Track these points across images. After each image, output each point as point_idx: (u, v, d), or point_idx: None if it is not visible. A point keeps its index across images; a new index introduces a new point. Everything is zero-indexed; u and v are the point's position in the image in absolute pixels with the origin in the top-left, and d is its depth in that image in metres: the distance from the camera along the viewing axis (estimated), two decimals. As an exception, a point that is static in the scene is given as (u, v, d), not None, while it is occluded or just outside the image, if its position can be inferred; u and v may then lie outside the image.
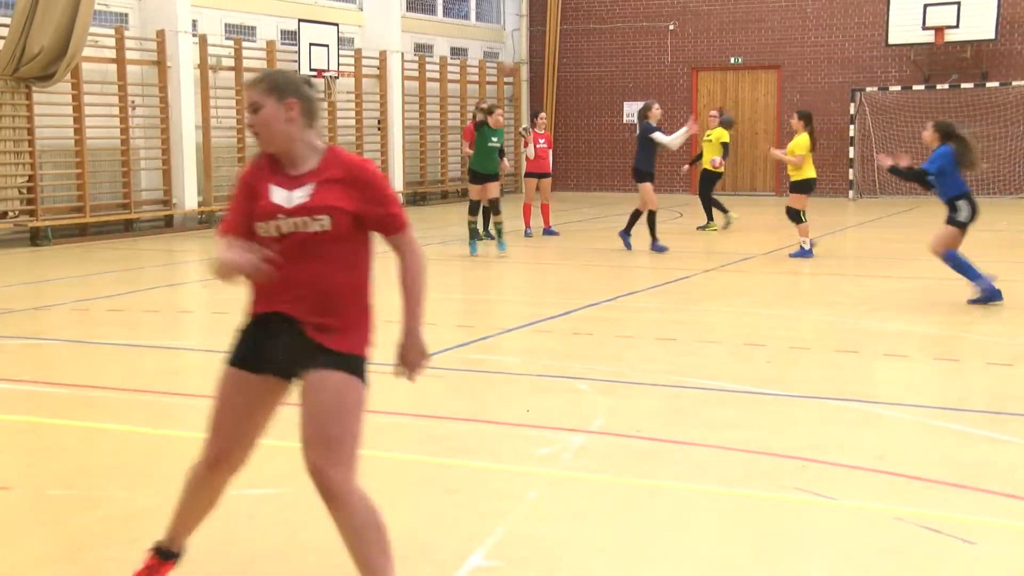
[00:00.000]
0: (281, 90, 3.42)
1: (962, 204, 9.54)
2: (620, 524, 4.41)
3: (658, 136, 13.77)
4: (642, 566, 4.01)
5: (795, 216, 13.27)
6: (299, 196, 3.42)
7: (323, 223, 3.38)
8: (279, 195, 3.44)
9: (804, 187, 13.25)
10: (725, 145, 16.74)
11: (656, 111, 14.10)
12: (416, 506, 4.65)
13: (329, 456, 3.42)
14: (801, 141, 13.14)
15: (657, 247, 13.63)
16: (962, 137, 9.70)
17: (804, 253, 13.20)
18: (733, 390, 6.61)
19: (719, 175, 16.97)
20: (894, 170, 10.27)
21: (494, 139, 13.96)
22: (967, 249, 9.82)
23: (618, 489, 4.85)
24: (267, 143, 3.46)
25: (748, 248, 14.44)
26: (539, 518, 4.48)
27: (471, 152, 15.04)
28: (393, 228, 3.50)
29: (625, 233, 13.94)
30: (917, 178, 10.01)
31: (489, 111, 14.11)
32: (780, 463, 5.18)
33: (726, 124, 16.08)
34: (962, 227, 9.60)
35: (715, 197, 16.97)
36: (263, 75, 3.48)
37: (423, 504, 4.68)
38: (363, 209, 3.42)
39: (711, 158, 16.51)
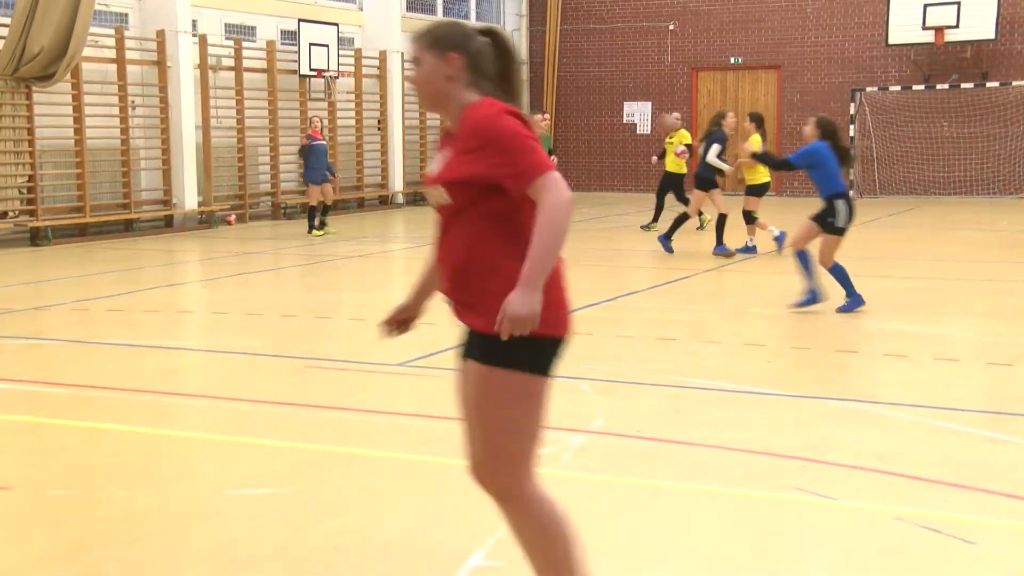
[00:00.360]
0: (442, 43, 3.09)
1: (840, 205, 9.34)
2: (620, 524, 4.41)
3: (712, 152, 13.55)
4: (642, 566, 4.01)
5: (748, 218, 13.78)
6: (435, 166, 3.14)
7: (443, 195, 3.06)
8: (432, 165, 3.18)
9: (759, 190, 13.79)
10: (688, 147, 16.67)
11: (731, 119, 14.10)
12: (417, 506, 4.65)
13: (480, 457, 3.12)
14: (753, 141, 13.50)
15: (666, 245, 13.60)
16: (839, 137, 9.62)
17: (779, 238, 13.59)
18: (733, 390, 6.61)
19: (683, 176, 16.68)
20: (755, 155, 10.44)
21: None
22: (967, 250, 9.81)
23: (618, 489, 4.85)
24: (424, 102, 3.16)
25: (748, 248, 14.44)
26: (539, 518, 4.48)
27: None
28: (521, 185, 2.96)
29: (719, 245, 13.65)
30: (780, 166, 10.24)
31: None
32: (780, 463, 5.18)
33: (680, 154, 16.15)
34: (839, 232, 9.38)
35: (666, 199, 16.62)
36: (427, 27, 3.16)
37: (424, 504, 4.68)
38: (485, 172, 2.98)
39: (676, 148, 16.28)
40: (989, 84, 21.98)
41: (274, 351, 7.89)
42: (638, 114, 25.31)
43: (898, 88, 22.60)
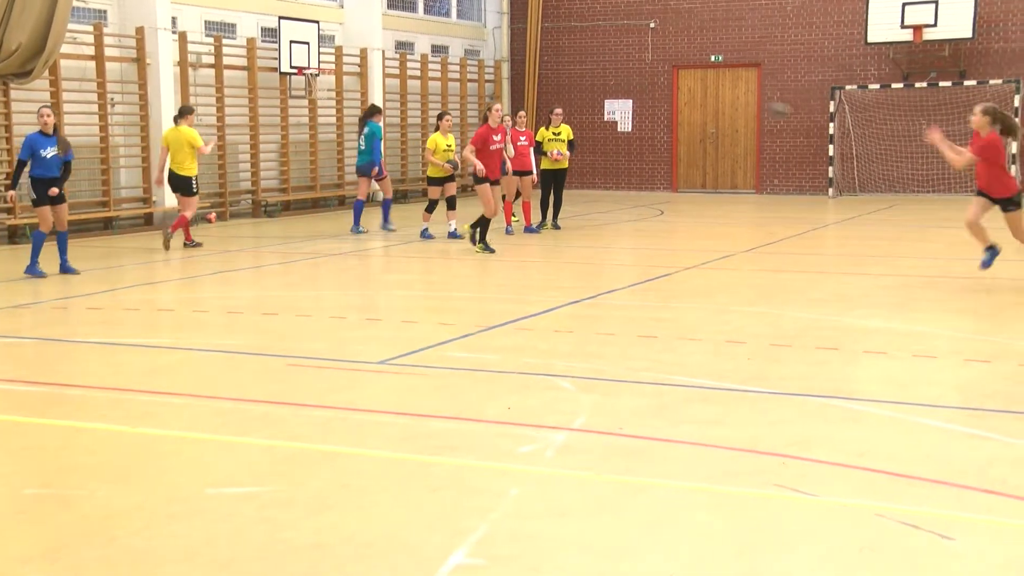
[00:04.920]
0: None
1: None
2: (602, 521, 4.42)
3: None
4: (624, 563, 4.02)
5: (451, 203, 15.45)
6: None
7: None
8: None
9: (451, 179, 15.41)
10: (571, 142, 16.71)
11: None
12: (398, 504, 4.64)
13: None
14: (437, 139, 15.23)
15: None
16: None
17: (427, 236, 15.23)
18: (715, 387, 6.63)
19: (564, 171, 16.66)
20: None
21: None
22: (946, 248, 9.80)
23: (600, 486, 4.86)
24: None
25: (729, 246, 14.50)
26: (522, 516, 4.49)
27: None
28: None
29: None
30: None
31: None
32: (762, 460, 5.20)
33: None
34: None
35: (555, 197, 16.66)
36: None
37: (405, 502, 4.67)
38: None
39: (553, 151, 16.28)
40: (967, 83, 22.12)
41: (255, 349, 7.86)
42: (619, 112, 25.34)
43: (877, 86, 22.71)
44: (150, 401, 6.47)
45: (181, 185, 14.56)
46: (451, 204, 15.51)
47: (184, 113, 14.72)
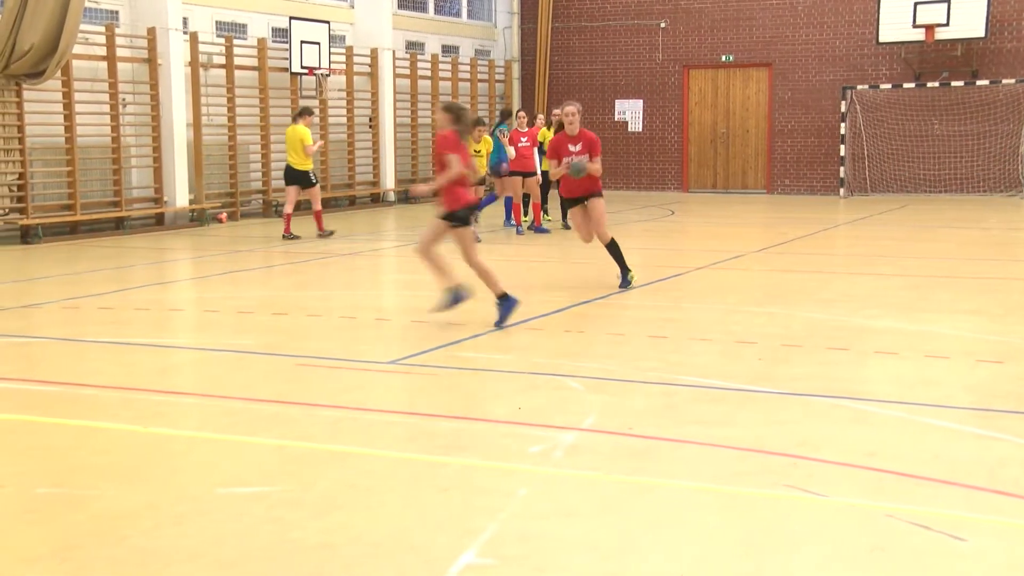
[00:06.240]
0: None
1: None
2: (611, 521, 4.42)
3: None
4: (632, 563, 4.01)
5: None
6: None
7: None
8: None
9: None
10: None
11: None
12: (407, 504, 4.65)
13: None
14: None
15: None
16: None
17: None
18: (724, 388, 6.62)
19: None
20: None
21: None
22: (957, 248, 9.78)
23: (609, 486, 4.86)
24: None
25: (739, 246, 14.47)
26: (530, 516, 4.49)
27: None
28: None
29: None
30: None
31: None
32: (771, 460, 5.19)
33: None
34: None
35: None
36: None
37: (414, 502, 4.68)
38: None
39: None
40: (979, 82, 22.04)
41: (265, 349, 7.88)
42: (630, 112, 25.32)
43: (889, 86, 22.65)
44: (161, 401, 6.49)
45: (300, 179, 15.54)
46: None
47: (303, 113, 15.56)
